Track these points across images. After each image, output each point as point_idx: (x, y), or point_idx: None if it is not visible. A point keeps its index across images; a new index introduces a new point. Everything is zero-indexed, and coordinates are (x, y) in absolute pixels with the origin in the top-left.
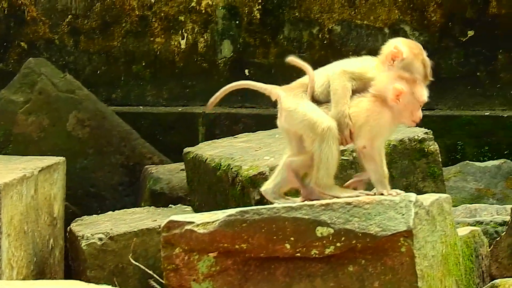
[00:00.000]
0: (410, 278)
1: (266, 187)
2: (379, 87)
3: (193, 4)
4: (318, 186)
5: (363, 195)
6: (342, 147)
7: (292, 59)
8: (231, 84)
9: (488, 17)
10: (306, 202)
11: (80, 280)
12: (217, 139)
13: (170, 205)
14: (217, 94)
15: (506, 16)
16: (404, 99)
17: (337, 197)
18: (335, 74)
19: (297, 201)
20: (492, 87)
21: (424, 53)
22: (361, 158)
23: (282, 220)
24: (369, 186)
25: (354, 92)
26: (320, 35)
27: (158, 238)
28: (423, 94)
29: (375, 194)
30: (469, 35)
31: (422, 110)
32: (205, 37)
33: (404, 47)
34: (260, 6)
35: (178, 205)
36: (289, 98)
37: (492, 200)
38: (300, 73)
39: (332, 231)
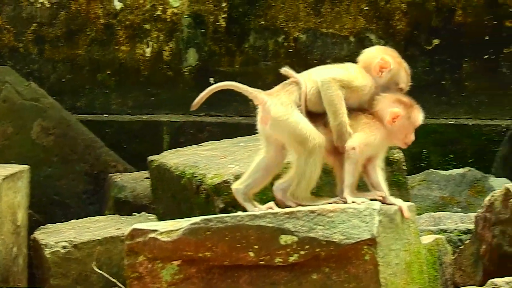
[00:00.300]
0: (373, 286)
1: (237, 187)
2: (378, 107)
3: (158, 12)
4: (295, 198)
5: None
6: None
7: (286, 70)
8: (217, 84)
9: (454, 26)
10: (270, 210)
11: None
12: (182, 147)
13: (134, 213)
14: (202, 94)
15: (471, 24)
16: (399, 122)
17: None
18: (325, 83)
19: (262, 209)
20: (457, 96)
21: (401, 58)
22: (345, 157)
23: (246, 228)
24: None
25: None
26: (285, 44)
27: (122, 246)
28: (419, 118)
29: (342, 202)
30: (434, 44)
31: None
32: (170, 46)
33: (390, 58)
34: (225, 15)
35: (142, 213)
36: (277, 106)
37: (456, 208)
38: (265, 80)
39: (296, 239)
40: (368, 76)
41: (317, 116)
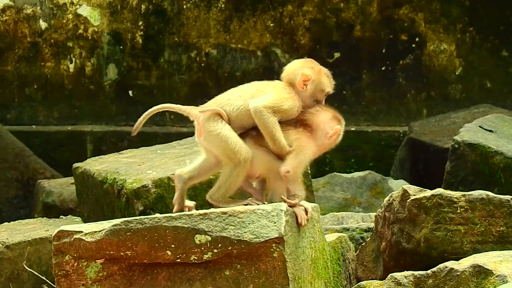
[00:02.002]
0: (282, 281)
1: (180, 173)
2: (315, 121)
3: (80, 31)
4: (213, 200)
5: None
6: None
7: (204, 109)
8: (152, 108)
9: (353, 40)
10: (185, 212)
11: None
12: (104, 155)
13: (61, 216)
14: (140, 119)
15: (369, 39)
16: (337, 136)
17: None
18: (258, 112)
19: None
20: (357, 105)
21: (319, 66)
22: (284, 179)
23: (163, 229)
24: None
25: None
26: (197, 58)
27: (50, 247)
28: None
29: (254, 204)
30: (335, 57)
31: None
32: (92, 61)
33: (307, 70)
34: (142, 32)
35: (69, 216)
36: (210, 121)
37: (358, 208)
38: (179, 92)
39: (209, 238)
40: (294, 93)
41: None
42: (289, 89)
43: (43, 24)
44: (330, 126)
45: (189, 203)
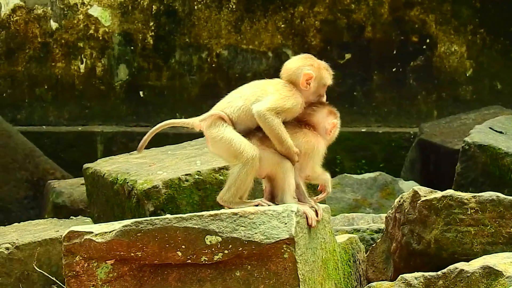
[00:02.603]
0: (292, 282)
1: None
2: (315, 120)
3: (91, 31)
4: (223, 202)
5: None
6: None
7: (205, 116)
8: (156, 126)
9: (364, 41)
10: (195, 213)
11: None
12: (114, 155)
13: (71, 217)
14: (145, 137)
15: (380, 40)
16: (335, 130)
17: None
18: (262, 115)
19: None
20: (368, 106)
21: (317, 60)
22: (308, 181)
23: (174, 230)
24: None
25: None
26: (208, 59)
27: (60, 247)
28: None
29: (266, 205)
30: (346, 58)
31: None
32: (103, 62)
33: (308, 69)
34: (153, 33)
35: (79, 217)
36: (212, 127)
37: (368, 209)
38: (190, 93)
39: (220, 239)
40: (296, 90)
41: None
42: (290, 87)
43: (53, 25)
44: (328, 122)
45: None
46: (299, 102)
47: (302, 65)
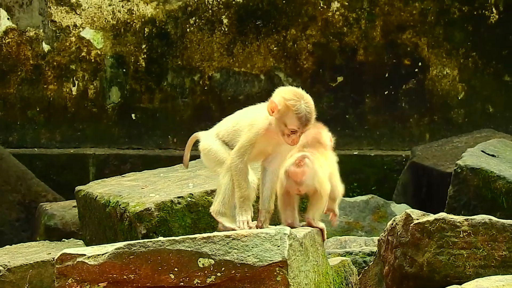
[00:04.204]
0: None
1: None
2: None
3: (83, 53)
4: (212, 212)
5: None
6: None
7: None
8: (188, 142)
9: (356, 64)
10: (188, 236)
11: None
12: (107, 178)
13: (63, 239)
14: (185, 153)
15: (372, 63)
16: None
17: (225, 226)
18: (231, 165)
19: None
20: (360, 129)
21: (298, 101)
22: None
23: (167, 252)
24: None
25: None
26: (201, 82)
27: (53, 270)
28: None
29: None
30: (338, 81)
31: None
32: (95, 84)
33: (278, 99)
34: (145, 55)
35: (71, 239)
36: (203, 141)
37: (360, 232)
38: (183, 116)
39: (213, 262)
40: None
41: None
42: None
43: (46, 47)
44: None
45: None
46: (259, 129)
47: (279, 93)
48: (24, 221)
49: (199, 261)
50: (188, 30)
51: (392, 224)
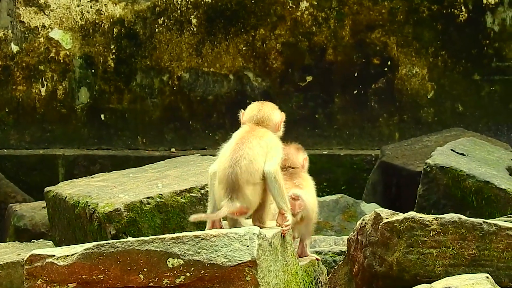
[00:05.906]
0: None
1: None
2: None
3: (52, 54)
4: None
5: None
6: None
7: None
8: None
9: (325, 64)
10: (157, 236)
11: None
12: (76, 178)
13: (33, 240)
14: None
15: (341, 62)
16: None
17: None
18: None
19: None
20: (330, 128)
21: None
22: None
23: (136, 253)
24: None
25: None
26: (170, 82)
27: (22, 271)
28: None
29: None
30: (307, 81)
31: None
32: (64, 85)
33: (278, 112)
34: (114, 56)
35: (41, 240)
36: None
37: (330, 232)
38: (152, 116)
39: (182, 262)
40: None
41: None
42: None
43: (14, 48)
44: (300, 158)
45: None
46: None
47: (273, 108)
48: None
49: (169, 261)
50: (157, 30)
51: (361, 223)
